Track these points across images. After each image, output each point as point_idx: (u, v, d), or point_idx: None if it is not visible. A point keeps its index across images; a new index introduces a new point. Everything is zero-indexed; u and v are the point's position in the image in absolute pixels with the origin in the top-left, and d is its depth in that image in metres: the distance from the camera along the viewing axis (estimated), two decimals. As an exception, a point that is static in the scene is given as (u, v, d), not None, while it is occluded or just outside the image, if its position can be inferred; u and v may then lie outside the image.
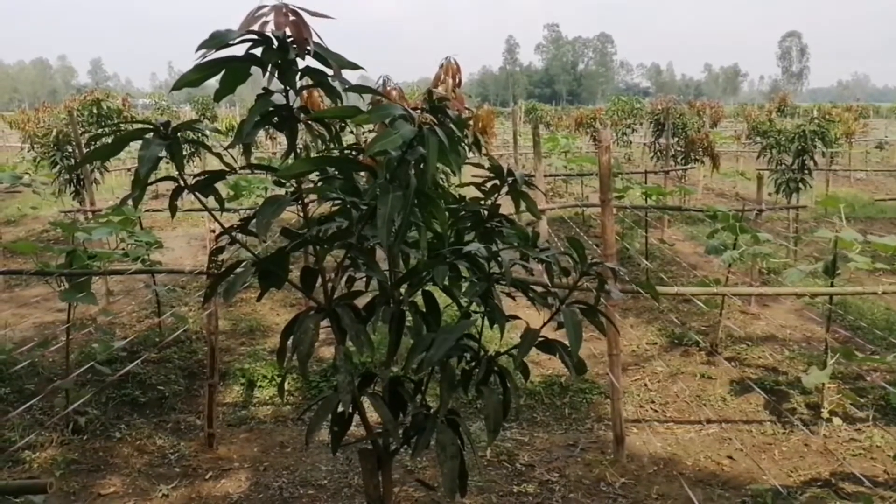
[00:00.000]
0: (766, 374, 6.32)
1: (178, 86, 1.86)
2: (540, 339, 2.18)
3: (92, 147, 10.04)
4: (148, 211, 9.10)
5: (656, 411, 5.81)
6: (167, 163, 2.10)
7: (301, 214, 2.18)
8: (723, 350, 6.88)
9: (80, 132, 9.92)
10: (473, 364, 2.26)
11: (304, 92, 2.36)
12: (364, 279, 2.41)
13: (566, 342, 2.19)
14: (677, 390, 6.09)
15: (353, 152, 2.28)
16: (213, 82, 1.98)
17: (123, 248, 5.73)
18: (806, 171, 10.59)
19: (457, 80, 5.63)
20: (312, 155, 2.21)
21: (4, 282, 9.45)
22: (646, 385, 6.27)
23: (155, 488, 4.60)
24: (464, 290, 2.31)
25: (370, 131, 5.20)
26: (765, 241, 6.36)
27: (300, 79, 1.99)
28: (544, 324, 2.22)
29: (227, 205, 2.19)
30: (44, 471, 4.80)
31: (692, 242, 12.09)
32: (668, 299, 8.16)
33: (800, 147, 10.54)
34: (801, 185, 10.58)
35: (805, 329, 7.58)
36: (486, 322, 2.29)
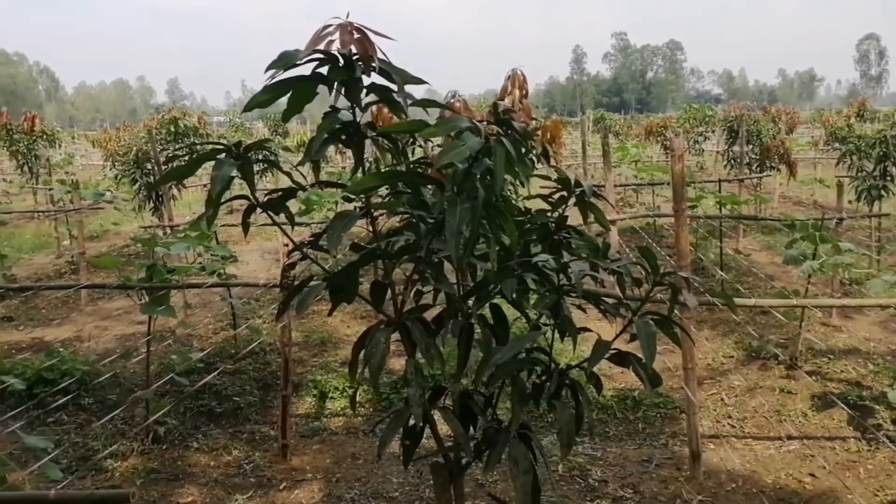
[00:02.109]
0: (850, 388, 6.08)
1: (248, 107, 1.90)
2: (612, 351, 2.14)
3: (170, 165, 10.37)
4: (223, 226, 9.34)
5: (734, 427, 5.65)
6: (241, 180, 2.14)
7: (370, 229, 2.20)
8: (803, 364, 6.65)
9: (158, 150, 10.26)
10: (544, 377, 2.23)
11: (374, 108, 2.39)
12: (432, 292, 2.42)
13: (639, 354, 2.15)
14: (755, 405, 5.91)
15: (421, 166, 2.29)
16: (285, 100, 2.02)
17: (200, 262, 5.90)
18: (888, 178, 10.18)
19: (523, 91, 5.62)
20: (380, 170, 2.22)
21: (88, 295, 9.81)
22: (722, 399, 6.10)
23: (231, 498, 4.69)
24: (532, 302, 2.29)
25: (438, 145, 5.24)
26: (846, 250, 6.14)
27: (366, 95, 2.01)
28: (616, 335, 2.18)
29: (298, 219, 2.23)
30: (125, 479, 4.95)
31: (769, 252, 11.76)
32: (745, 311, 7.94)
33: (881, 153, 10.14)
34: (883, 192, 10.16)
35: (890, 342, 7.27)
36: (556, 335, 2.27)
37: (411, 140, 2.35)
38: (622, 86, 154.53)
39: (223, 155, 1.99)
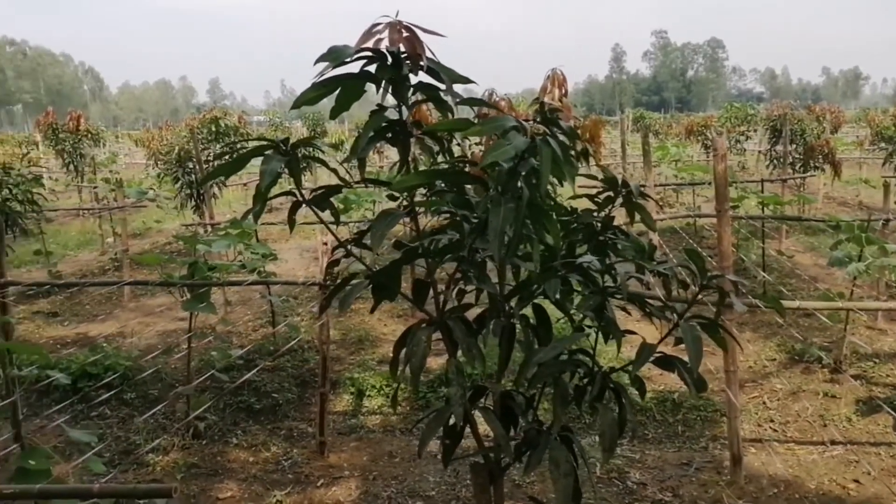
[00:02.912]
0: (896, 392, 5.94)
1: (297, 104, 1.91)
2: (657, 354, 2.11)
3: (212, 164, 10.51)
4: (263, 224, 9.43)
5: (776, 431, 5.54)
6: (282, 178, 2.16)
7: (413, 227, 2.20)
8: (847, 367, 6.51)
9: (200, 149, 10.40)
10: (587, 380, 2.21)
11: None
12: (474, 291, 2.41)
13: (683, 357, 2.11)
14: (798, 409, 5.80)
15: (463, 165, 2.29)
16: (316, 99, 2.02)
17: (241, 260, 5.95)
18: (938, 178, 9.92)
19: (563, 90, 5.57)
20: (421, 168, 2.22)
21: (131, 291, 9.97)
22: (764, 403, 6.00)
23: (269, 494, 4.73)
24: (576, 303, 2.27)
25: (477, 143, 5.21)
26: (893, 252, 5.99)
27: (412, 94, 2.00)
28: (662, 339, 2.15)
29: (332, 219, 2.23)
30: (166, 473, 5.02)
31: (812, 254, 11.54)
32: (788, 313, 7.77)
33: (930, 152, 9.89)
34: (931, 192, 9.90)
35: (940, 346, 7.08)
36: (599, 336, 2.24)
37: (450, 138, 2.34)
38: (662, 84, 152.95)
39: (271, 151, 2.01)
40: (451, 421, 2.27)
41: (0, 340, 4.14)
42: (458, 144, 2.59)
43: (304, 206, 2.21)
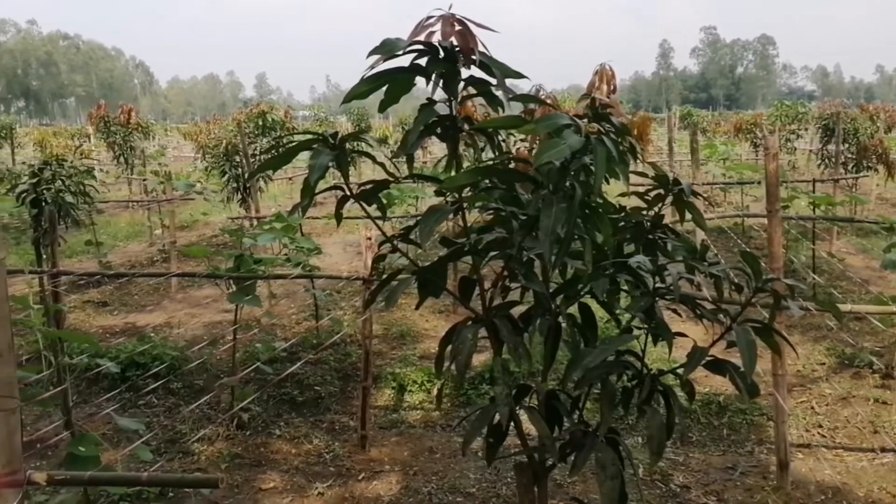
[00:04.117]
0: (952, 401, 5.76)
1: (347, 98, 1.90)
2: (708, 357, 2.07)
3: (258, 158, 10.62)
4: (307, 218, 9.49)
5: (824, 436, 5.42)
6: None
7: (461, 224, 2.18)
8: (900, 373, 6.34)
9: (246, 143, 10.51)
10: (634, 382, 2.17)
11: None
12: (519, 289, 2.38)
13: (733, 360, 2.07)
14: (848, 415, 5.66)
15: (509, 161, 2.26)
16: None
17: (286, 254, 6.00)
18: None
19: (611, 86, 5.50)
20: (466, 164, 2.21)
21: (178, 283, 10.13)
22: (812, 408, 5.87)
23: (311, 486, 4.77)
24: (626, 304, 2.24)
25: (522, 140, 5.17)
26: (950, 255, 5.81)
27: (463, 88, 1.99)
28: (714, 342, 2.10)
29: (377, 213, 2.23)
30: (211, 463, 5.09)
31: (864, 256, 11.26)
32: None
33: None
34: None
35: None
36: (648, 338, 2.20)
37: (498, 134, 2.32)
38: (710, 81, 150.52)
39: (319, 145, 2.01)
40: (496, 419, 2.26)
41: (52, 329, 4.24)
42: (504, 141, 2.57)
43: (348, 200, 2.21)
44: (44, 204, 7.08)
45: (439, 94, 1.98)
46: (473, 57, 1.83)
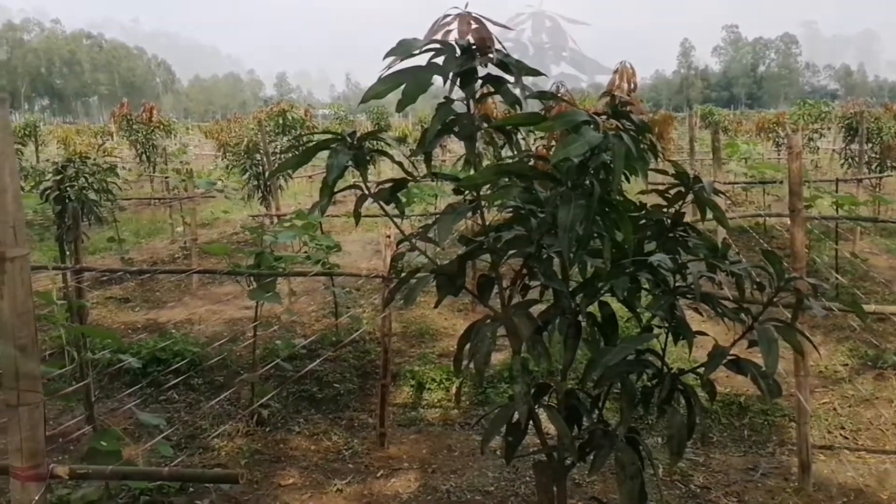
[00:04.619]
0: (977, 403, 5.68)
1: (366, 98, 1.90)
2: (730, 357, 2.05)
3: (279, 156, 10.67)
4: (326, 216, 9.51)
5: (846, 438, 5.36)
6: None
7: (479, 222, 2.18)
8: (925, 375, 6.26)
9: (267, 141, 10.56)
10: (655, 381, 2.16)
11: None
12: (538, 287, 2.38)
13: (754, 359, 2.05)
14: (871, 416, 5.60)
15: (529, 159, 2.26)
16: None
17: (305, 252, 6.02)
18: None
19: (632, 84, 5.47)
20: (485, 162, 2.20)
21: (199, 280, 10.20)
22: (835, 409, 5.81)
23: (330, 482, 4.79)
24: (644, 302, 2.22)
25: (541, 138, 5.16)
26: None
27: (480, 87, 1.98)
28: (735, 341, 2.08)
29: (395, 211, 2.23)
30: (231, 459, 5.12)
31: (888, 256, 11.12)
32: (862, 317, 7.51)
33: None
34: None
35: None
36: (668, 337, 2.19)
37: (515, 132, 2.31)
38: (732, 80, 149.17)
39: (338, 144, 2.01)
40: (515, 418, 2.25)
41: (75, 325, 4.28)
42: (524, 139, 2.56)
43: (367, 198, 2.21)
44: (67, 201, 7.16)
45: (458, 94, 1.98)
46: (490, 55, 1.83)
